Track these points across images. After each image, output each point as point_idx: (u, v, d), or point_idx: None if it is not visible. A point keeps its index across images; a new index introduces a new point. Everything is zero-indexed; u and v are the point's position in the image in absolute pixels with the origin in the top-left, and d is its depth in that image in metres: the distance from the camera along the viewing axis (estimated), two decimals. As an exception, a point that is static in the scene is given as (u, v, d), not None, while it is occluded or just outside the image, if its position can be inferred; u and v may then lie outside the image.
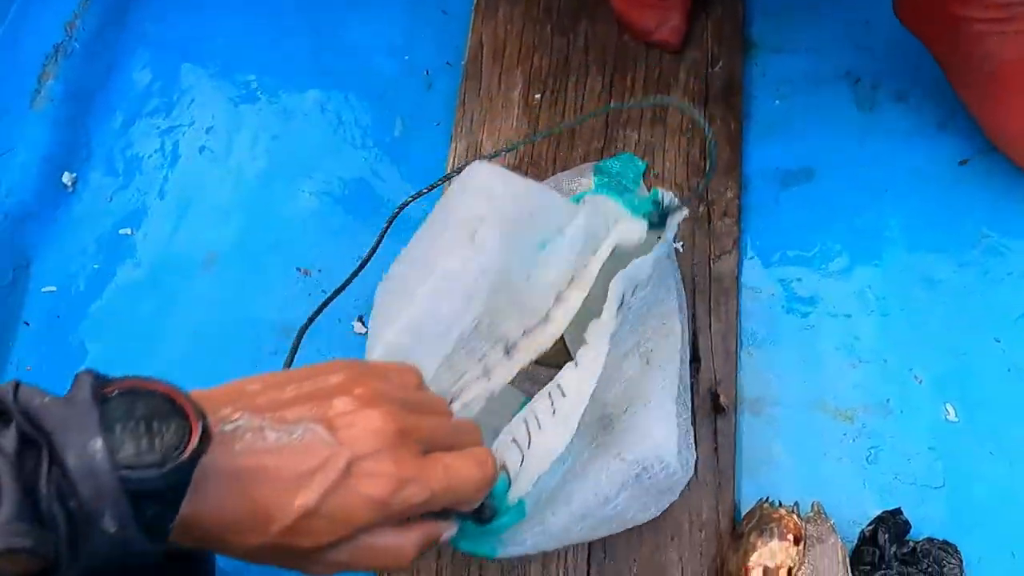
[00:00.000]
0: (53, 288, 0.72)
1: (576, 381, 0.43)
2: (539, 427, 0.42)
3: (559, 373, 0.45)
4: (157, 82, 0.80)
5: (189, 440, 0.28)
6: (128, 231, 0.74)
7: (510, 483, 0.41)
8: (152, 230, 0.74)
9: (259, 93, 0.79)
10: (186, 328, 0.70)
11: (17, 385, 0.28)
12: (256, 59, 0.80)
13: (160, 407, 0.29)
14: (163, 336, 0.70)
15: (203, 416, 0.29)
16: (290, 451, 0.31)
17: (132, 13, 0.82)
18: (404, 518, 0.34)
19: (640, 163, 0.70)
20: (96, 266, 0.73)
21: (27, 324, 0.71)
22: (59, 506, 0.26)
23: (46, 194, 0.73)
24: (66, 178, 0.74)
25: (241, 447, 0.31)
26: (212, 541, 0.32)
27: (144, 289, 0.72)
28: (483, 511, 0.39)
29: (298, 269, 0.71)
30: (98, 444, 0.26)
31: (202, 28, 0.82)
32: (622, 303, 0.47)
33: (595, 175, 0.66)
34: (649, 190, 0.70)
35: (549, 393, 0.44)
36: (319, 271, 0.71)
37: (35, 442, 0.27)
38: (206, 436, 0.28)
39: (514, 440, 0.42)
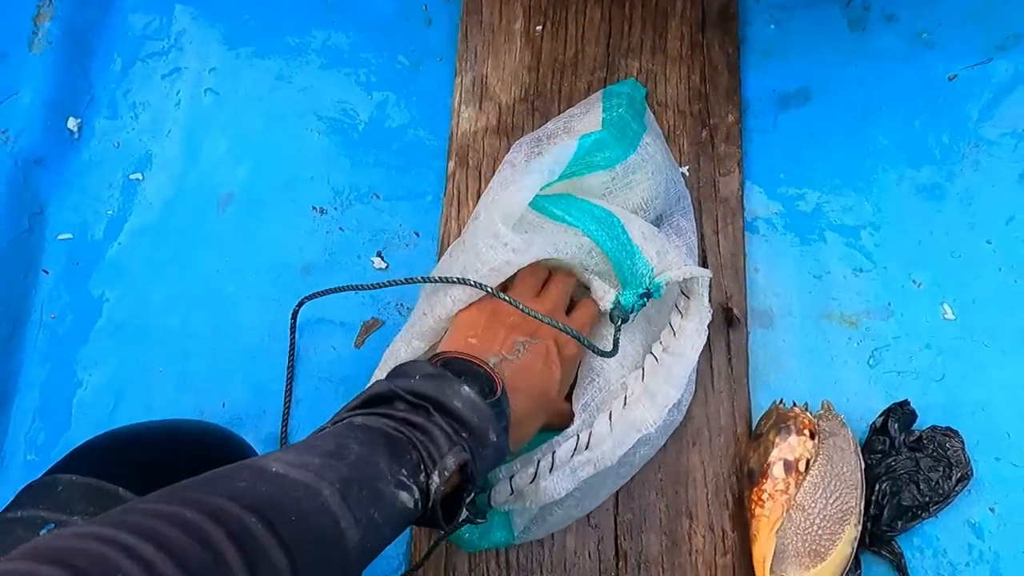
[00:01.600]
0: (69, 235, 0.71)
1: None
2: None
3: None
4: (154, 23, 0.78)
5: (495, 379, 0.44)
6: (139, 176, 0.73)
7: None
8: (162, 174, 0.73)
9: (259, 33, 0.77)
10: (205, 270, 0.70)
11: (391, 380, 0.41)
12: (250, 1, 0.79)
13: (465, 365, 0.44)
14: (183, 280, 0.70)
15: (486, 363, 0.45)
16: (528, 358, 0.48)
17: (121, -48, 0.79)
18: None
19: (642, 88, 0.71)
20: (110, 212, 0.72)
21: (46, 272, 0.70)
22: (460, 438, 0.39)
23: (53, 140, 0.71)
24: (71, 124, 0.73)
25: (508, 372, 0.46)
26: (522, 433, 0.48)
27: (160, 233, 0.71)
28: (476, 516, 0.48)
29: (313, 208, 0.72)
30: (467, 389, 0.41)
31: (195, -33, 0.80)
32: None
33: (604, 100, 0.67)
34: (654, 114, 0.72)
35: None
36: (335, 209, 0.72)
37: (419, 407, 0.40)
38: (495, 370, 0.45)
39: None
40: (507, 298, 0.47)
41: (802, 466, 0.58)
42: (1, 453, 0.66)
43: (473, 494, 0.42)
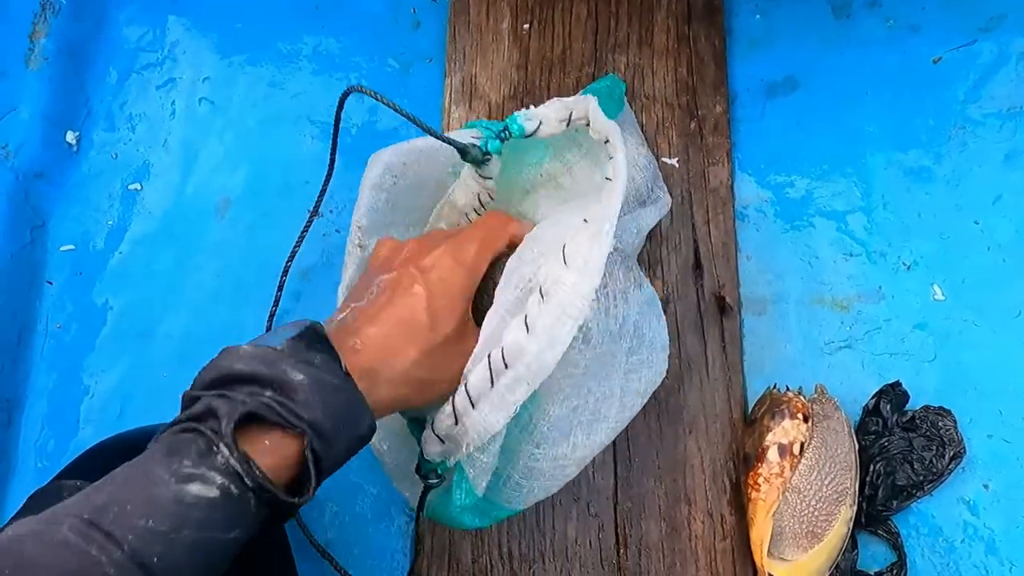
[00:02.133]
0: (71, 246, 0.73)
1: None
2: (472, 405, 0.41)
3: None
4: (147, 36, 0.79)
5: (301, 326, 0.38)
6: (137, 186, 0.75)
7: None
8: (161, 184, 0.74)
9: (251, 41, 0.79)
10: (206, 276, 0.71)
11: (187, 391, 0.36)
12: (243, 8, 0.80)
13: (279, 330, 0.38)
14: (185, 286, 0.71)
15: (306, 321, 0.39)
16: (383, 296, 0.42)
17: (114, -35, 0.81)
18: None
19: (622, 83, 0.72)
20: (110, 222, 0.73)
21: (50, 283, 0.72)
22: (256, 397, 0.34)
23: (52, 154, 0.73)
24: (70, 137, 0.74)
25: (352, 318, 0.41)
26: (392, 378, 0.40)
27: (161, 241, 0.73)
28: (430, 477, 0.44)
29: (309, 211, 0.73)
30: (247, 347, 0.36)
31: (186, -21, 0.81)
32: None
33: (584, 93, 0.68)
34: (641, 112, 0.73)
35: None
36: (330, 211, 0.73)
37: (210, 398, 0.35)
38: (313, 323, 0.39)
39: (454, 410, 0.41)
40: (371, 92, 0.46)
41: (797, 449, 0.59)
42: (12, 461, 0.68)
43: (313, 455, 0.35)
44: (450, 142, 0.47)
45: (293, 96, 0.77)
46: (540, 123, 0.47)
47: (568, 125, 0.47)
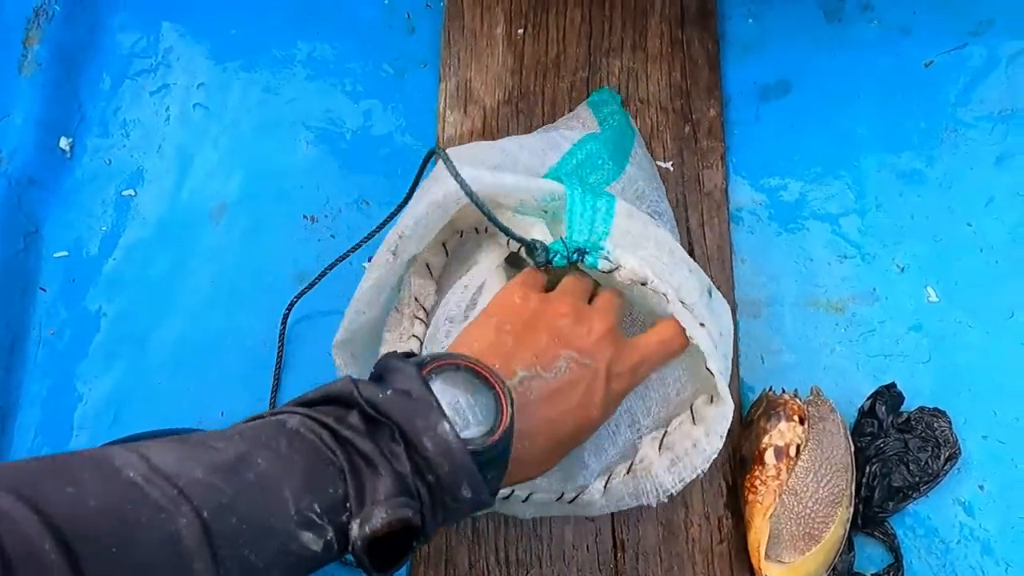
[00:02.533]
0: (65, 253, 0.72)
1: None
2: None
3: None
4: (141, 42, 0.79)
5: (503, 409, 0.34)
6: (131, 192, 0.74)
7: None
8: (155, 189, 0.74)
9: (245, 47, 0.79)
10: (201, 282, 0.71)
11: (357, 382, 0.33)
12: (238, 13, 0.80)
13: (470, 379, 0.35)
14: (180, 292, 0.71)
15: (503, 382, 0.35)
16: (567, 382, 0.38)
17: (109, -27, 0.80)
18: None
19: (616, 95, 0.73)
20: (104, 228, 0.73)
21: (44, 290, 0.71)
22: (421, 483, 0.31)
23: (46, 160, 0.73)
24: (63, 143, 0.74)
25: (534, 395, 0.37)
26: (527, 476, 0.38)
27: (155, 248, 0.72)
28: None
29: (304, 216, 0.73)
30: (446, 427, 0.31)
31: (180, -15, 0.81)
32: None
33: (593, 109, 0.68)
34: (635, 116, 0.73)
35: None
36: (325, 216, 0.73)
37: (382, 426, 0.31)
38: (510, 399, 0.34)
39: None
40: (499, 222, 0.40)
41: (793, 451, 0.59)
42: (6, 469, 0.67)
43: (416, 548, 0.33)
44: (520, 240, 0.43)
45: (288, 102, 0.77)
46: (615, 270, 0.44)
47: (636, 289, 0.45)
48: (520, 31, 0.77)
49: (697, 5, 0.77)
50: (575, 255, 0.43)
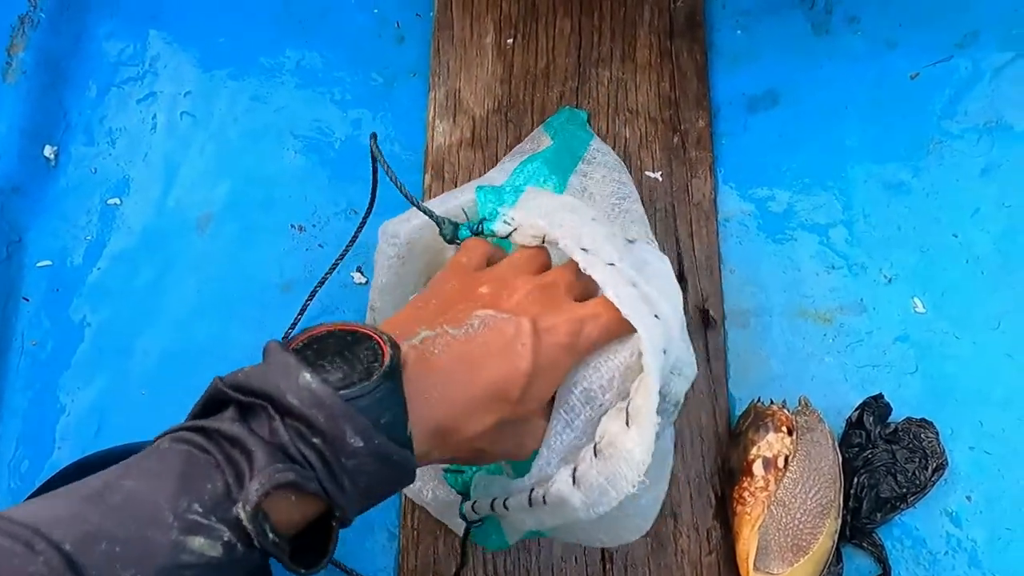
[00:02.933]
0: (48, 262, 0.72)
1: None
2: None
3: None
4: (127, 50, 0.78)
5: (383, 352, 0.31)
6: (116, 201, 0.74)
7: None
8: (140, 198, 0.74)
9: (233, 55, 0.78)
10: (187, 292, 0.71)
11: (222, 376, 0.31)
12: (226, 22, 0.79)
13: (343, 339, 0.32)
14: (165, 303, 0.70)
15: (383, 332, 0.32)
16: (481, 337, 0.34)
17: (95, -20, 0.80)
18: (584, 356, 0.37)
19: (582, 112, 0.73)
20: (88, 237, 0.72)
21: (26, 299, 0.70)
22: (305, 446, 0.28)
23: (30, 168, 0.72)
24: (48, 151, 0.73)
25: (439, 349, 0.33)
26: (458, 443, 0.34)
27: (140, 257, 0.72)
28: (472, 519, 0.43)
29: (292, 225, 0.72)
30: (307, 377, 0.28)
31: (167, -8, 0.81)
32: None
33: (546, 129, 0.69)
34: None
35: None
36: (313, 226, 0.73)
37: (255, 408, 0.29)
38: (395, 345, 0.31)
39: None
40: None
41: (781, 462, 0.59)
42: (-15, 481, 0.66)
43: (336, 526, 0.30)
44: (428, 214, 0.43)
45: (276, 110, 0.76)
46: (514, 231, 0.42)
47: (543, 243, 0.42)
48: (510, 41, 0.77)
49: (686, 16, 0.78)
50: (477, 225, 0.42)
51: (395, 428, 0.30)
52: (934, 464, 0.59)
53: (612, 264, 0.38)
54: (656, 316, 0.37)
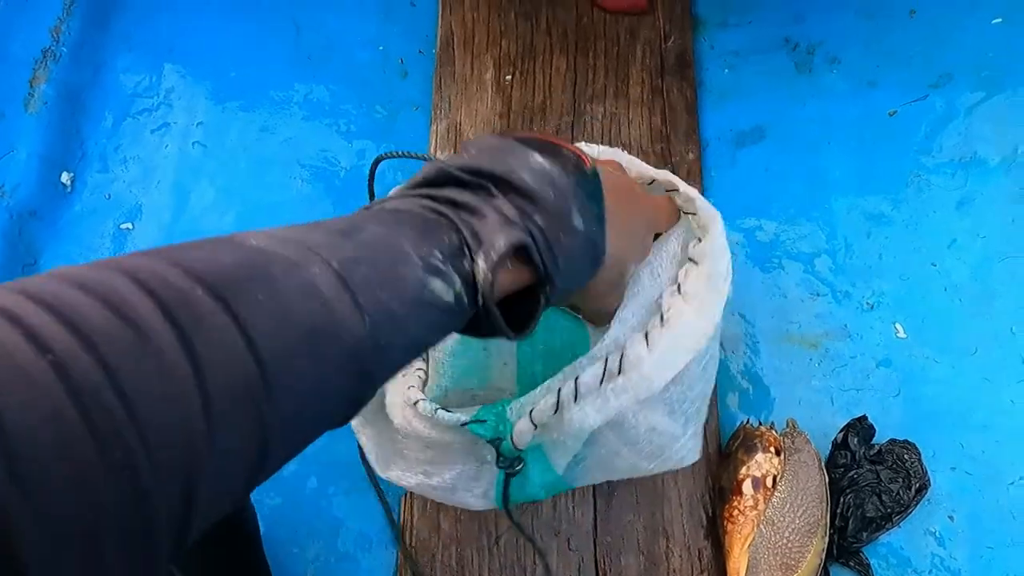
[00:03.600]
0: (61, 284, 0.74)
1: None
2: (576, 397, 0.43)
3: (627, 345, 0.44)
4: (144, 82, 0.82)
5: (582, 159, 0.34)
6: (129, 226, 0.76)
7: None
8: (152, 224, 0.76)
9: (244, 88, 0.82)
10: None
11: (444, 160, 0.33)
12: (238, 56, 0.83)
13: (545, 143, 0.34)
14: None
15: (573, 145, 0.35)
16: (621, 180, 0.40)
17: (115, 16, 0.84)
18: None
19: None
20: (101, 261, 0.75)
21: (39, 320, 0.72)
22: (529, 222, 0.30)
23: (47, 193, 0.75)
24: (64, 178, 0.76)
25: (605, 175, 0.36)
26: (617, 266, 0.38)
27: (150, 280, 0.74)
28: (515, 465, 0.45)
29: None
30: (539, 158, 0.31)
31: (184, 28, 0.85)
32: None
33: None
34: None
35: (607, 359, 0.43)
36: (318, 251, 0.75)
37: (475, 186, 0.31)
38: (589, 158, 0.35)
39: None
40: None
41: (769, 482, 0.61)
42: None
43: (544, 301, 0.32)
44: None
45: (284, 141, 0.80)
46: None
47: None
48: (508, 77, 0.81)
49: (676, 56, 0.82)
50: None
51: (599, 223, 0.33)
52: (917, 484, 0.61)
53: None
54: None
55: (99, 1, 0.82)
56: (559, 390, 0.43)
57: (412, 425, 0.47)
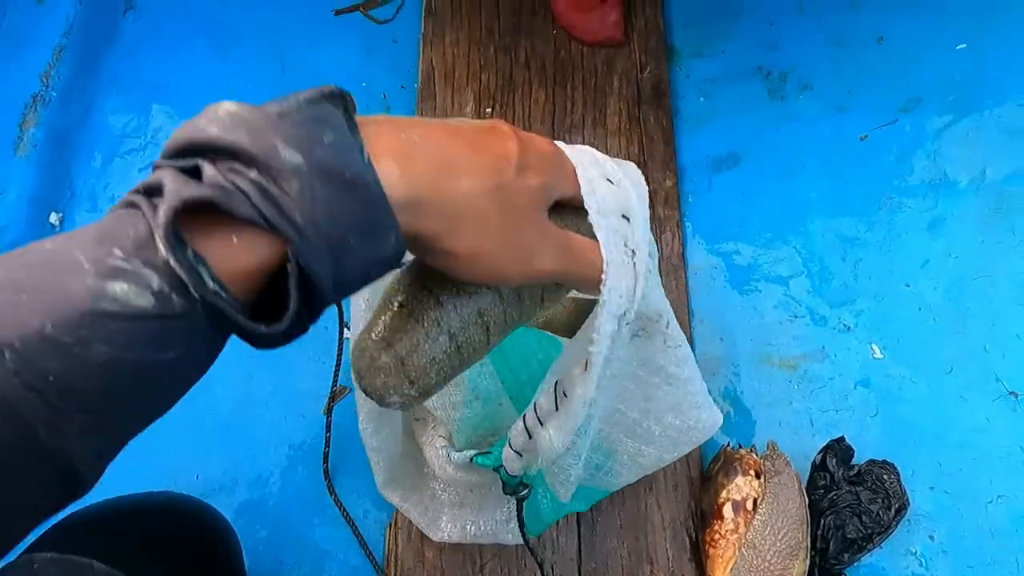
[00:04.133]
0: (49, 322, 0.75)
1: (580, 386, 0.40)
2: (540, 424, 0.43)
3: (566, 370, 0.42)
4: (132, 123, 0.84)
5: (339, 93, 0.27)
6: (117, 263, 0.78)
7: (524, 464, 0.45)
8: (139, 261, 0.78)
9: (230, 127, 0.84)
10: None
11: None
12: (225, 94, 0.83)
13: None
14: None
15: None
16: (468, 126, 0.30)
17: (103, 60, 0.86)
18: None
19: None
20: (89, 298, 0.76)
21: (27, 358, 0.73)
22: (238, 177, 0.24)
23: (35, 234, 0.76)
24: (53, 218, 0.78)
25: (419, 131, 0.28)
26: (445, 210, 0.27)
27: (137, 316, 0.75)
28: (519, 491, 0.46)
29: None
30: (228, 104, 0.25)
31: (171, 70, 0.87)
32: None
33: None
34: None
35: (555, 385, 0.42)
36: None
37: (187, 168, 0.24)
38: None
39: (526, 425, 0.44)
40: None
41: (750, 505, 0.61)
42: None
43: (294, 273, 0.24)
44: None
45: (269, 176, 0.81)
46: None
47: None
48: (489, 110, 0.82)
49: (652, 86, 0.84)
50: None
51: (344, 148, 0.25)
52: (897, 504, 0.62)
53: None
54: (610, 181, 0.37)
55: (88, 45, 0.84)
56: (523, 417, 0.43)
57: (447, 472, 0.49)
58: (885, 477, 0.63)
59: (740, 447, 0.65)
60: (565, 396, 0.41)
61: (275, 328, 0.25)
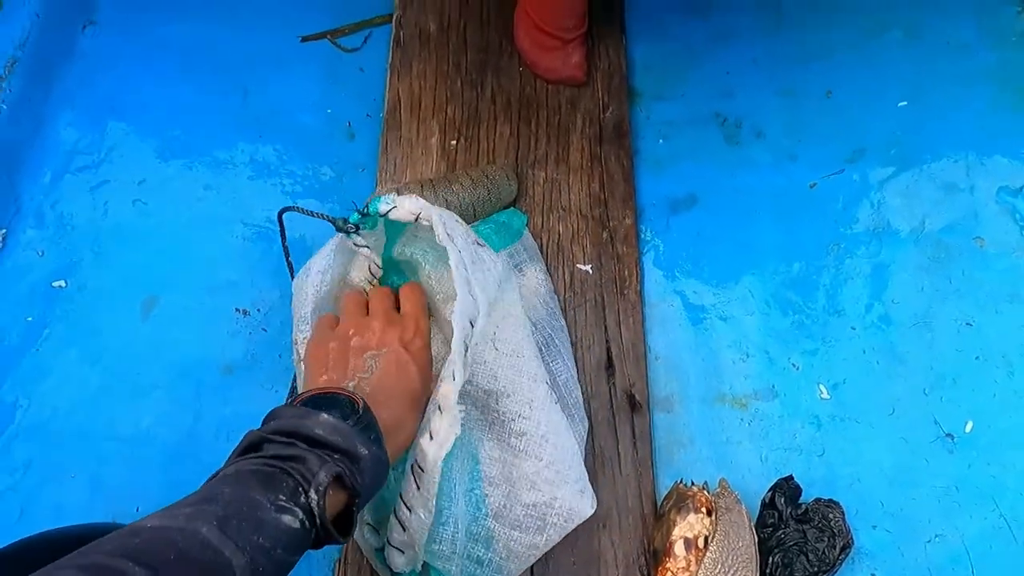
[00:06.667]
0: (-16, 341, 0.72)
1: (431, 453, 0.52)
2: (409, 511, 0.53)
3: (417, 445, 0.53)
4: (84, 140, 0.82)
5: (355, 401, 0.48)
6: (62, 283, 0.75)
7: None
8: (87, 282, 0.75)
9: (188, 148, 0.82)
10: (127, 374, 0.71)
11: (257, 430, 0.45)
12: (184, 117, 0.84)
13: (326, 398, 0.48)
14: (103, 385, 0.71)
15: (345, 389, 0.50)
16: (382, 371, 0.53)
17: (57, 74, 0.84)
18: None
19: (523, 215, 0.79)
20: (29, 319, 0.73)
21: (-42, 380, 0.70)
22: (332, 458, 0.43)
23: (-27, 250, 0.73)
24: (-5, 234, 0.75)
25: (369, 389, 0.51)
26: (403, 438, 0.52)
27: (80, 339, 0.72)
28: None
29: (237, 310, 0.75)
30: (325, 417, 0.45)
31: (130, 89, 0.85)
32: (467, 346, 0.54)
33: (483, 225, 0.76)
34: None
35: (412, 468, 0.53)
36: (258, 310, 0.75)
37: (288, 443, 0.44)
38: (354, 392, 0.49)
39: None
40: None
41: (701, 543, 0.62)
42: None
43: (358, 507, 0.45)
44: (323, 217, 0.57)
45: (227, 200, 0.80)
46: (393, 207, 0.56)
47: (416, 220, 0.57)
48: (453, 142, 0.83)
49: (614, 126, 0.86)
50: (364, 210, 0.56)
51: (379, 441, 0.48)
52: (841, 543, 0.63)
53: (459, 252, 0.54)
54: (471, 295, 0.53)
55: (43, 59, 0.82)
56: (396, 513, 0.53)
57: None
58: (831, 515, 0.65)
59: (693, 484, 0.65)
60: (421, 470, 0.51)
61: (347, 540, 0.45)
